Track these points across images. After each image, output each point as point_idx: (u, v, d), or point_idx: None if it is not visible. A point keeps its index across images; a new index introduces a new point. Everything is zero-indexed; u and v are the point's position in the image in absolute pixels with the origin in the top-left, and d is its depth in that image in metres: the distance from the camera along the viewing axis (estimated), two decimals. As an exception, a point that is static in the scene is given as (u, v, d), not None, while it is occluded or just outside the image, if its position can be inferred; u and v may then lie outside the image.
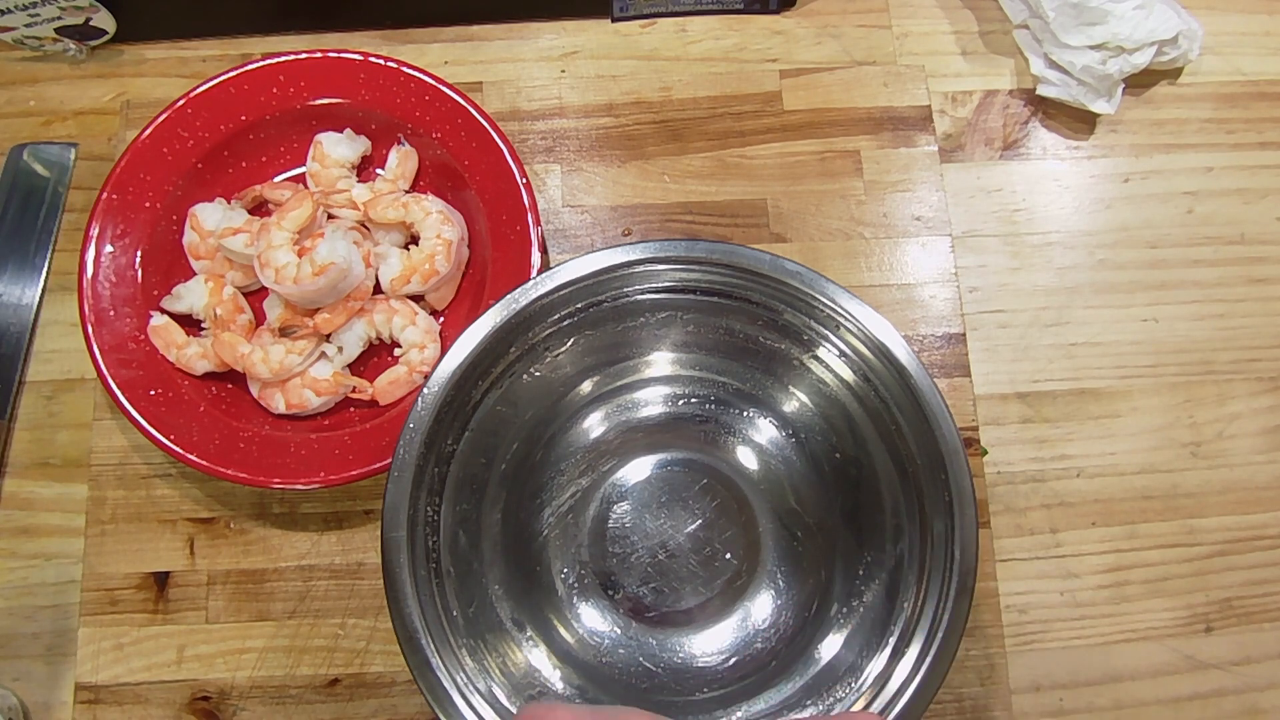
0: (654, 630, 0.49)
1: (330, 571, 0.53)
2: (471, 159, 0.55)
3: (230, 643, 0.52)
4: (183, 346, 0.53)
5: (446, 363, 0.44)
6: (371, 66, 0.56)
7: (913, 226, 0.58)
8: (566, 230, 0.59)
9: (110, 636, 0.52)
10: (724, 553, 0.50)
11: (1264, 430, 0.56)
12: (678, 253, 0.46)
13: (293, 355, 0.52)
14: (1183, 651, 0.52)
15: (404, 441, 0.43)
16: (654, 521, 0.50)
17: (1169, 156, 0.60)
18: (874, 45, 0.62)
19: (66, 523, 0.54)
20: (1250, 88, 0.62)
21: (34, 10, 0.57)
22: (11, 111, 0.61)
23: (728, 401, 0.52)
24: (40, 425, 0.55)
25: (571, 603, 0.49)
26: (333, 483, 0.50)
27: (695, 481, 0.51)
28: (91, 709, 0.51)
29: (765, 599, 0.49)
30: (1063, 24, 0.57)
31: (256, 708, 0.51)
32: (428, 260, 0.53)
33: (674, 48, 0.62)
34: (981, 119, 0.61)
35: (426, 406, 0.44)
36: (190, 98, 0.55)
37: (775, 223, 0.58)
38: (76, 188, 0.60)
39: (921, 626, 0.42)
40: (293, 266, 0.51)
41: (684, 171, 0.59)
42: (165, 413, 0.51)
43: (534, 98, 0.61)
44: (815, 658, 0.46)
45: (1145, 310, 0.58)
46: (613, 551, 0.50)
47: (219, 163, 0.56)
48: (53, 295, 0.58)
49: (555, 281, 0.45)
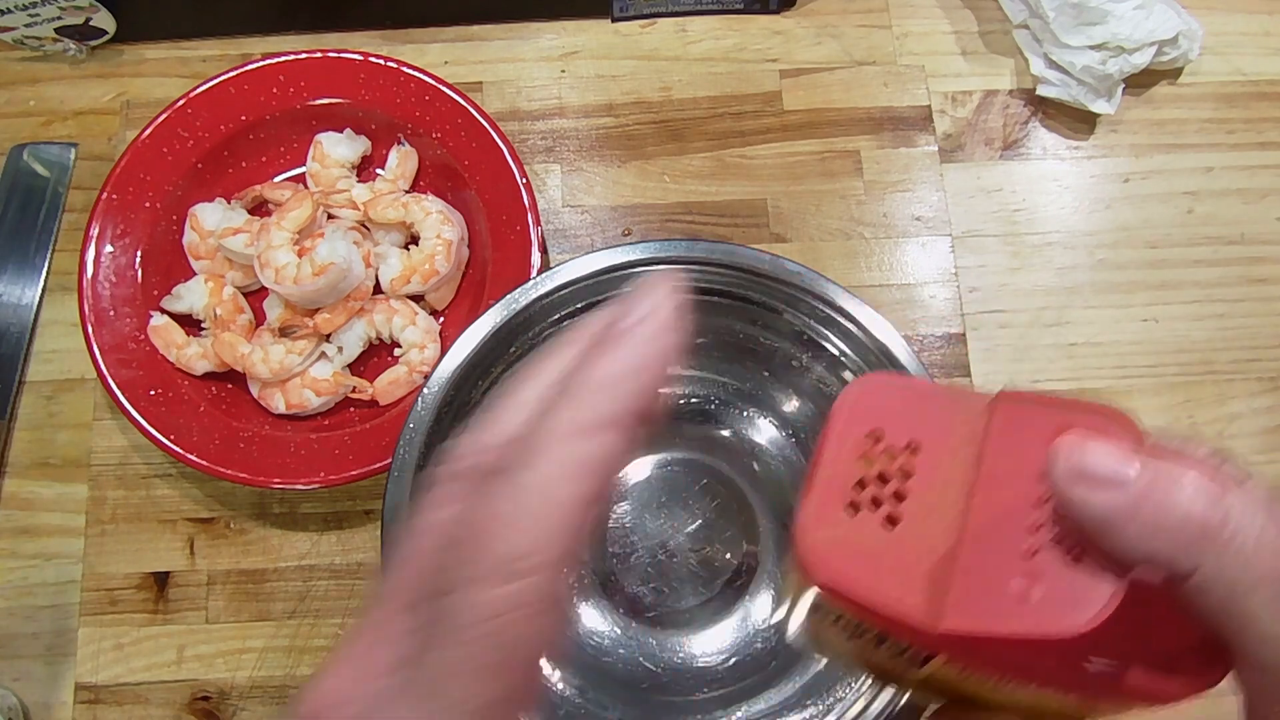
0: (654, 630, 0.49)
1: (330, 571, 0.53)
2: (471, 159, 0.55)
3: (230, 643, 0.52)
4: (183, 346, 0.53)
5: (446, 363, 0.44)
6: (371, 66, 0.56)
7: (913, 226, 0.58)
8: (566, 230, 0.59)
9: (110, 636, 0.52)
10: (724, 553, 0.50)
11: (1264, 430, 0.56)
12: (678, 253, 0.46)
13: (293, 355, 0.52)
14: (1183, 651, 0.52)
15: (404, 441, 0.43)
16: (654, 521, 0.50)
17: (1169, 156, 0.60)
18: (874, 45, 0.62)
19: (66, 523, 0.53)
20: (1250, 88, 0.62)
21: (34, 10, 0.57)
22: (11, 111, 0.61)
23: (728, 401, 0.52)
24: (40, 425, 0.55)
25: (571, 603, 0.49)
26: (333, 483, 0.50)
27: (695, 481, 0.51)
28: (91, 709, 0.51)
29: (765, 599, 0.49)
30: (1063, 24, 0.57)
31: (256, 708, 0.51)
32: (428, 260, 0.53)
33: (674, 48, 0.62)
34: (981, 119, 0.61)
35: (426, 406, 0.44)
36: (190, 98, 0.55)
37: (775, 223, 0.58)
38: (76, 188, 0.60)
39: (921, 626, 0.42)
40: (293, 266, 0.51)
41: (684, 171, 0.59)
42: (165, 413, 0.51)
43: (534, 98, 0.61)
44: (815, 658, 0.46)
45: (1145, 310, 0.58)
46: (612, 551, 0.50)
47: (219, 163, 0.56)
48: (53, 295, 0.58)
49: (555, 281, 0.45)
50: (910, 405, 0.25)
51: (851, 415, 0.25)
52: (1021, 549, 0.21)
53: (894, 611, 0.22)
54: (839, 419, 0.25)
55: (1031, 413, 0.23)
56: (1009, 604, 0.21)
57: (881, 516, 0.24)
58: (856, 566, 0.23)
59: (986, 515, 0.22)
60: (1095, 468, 0.21)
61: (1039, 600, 0.21)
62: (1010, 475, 0.22)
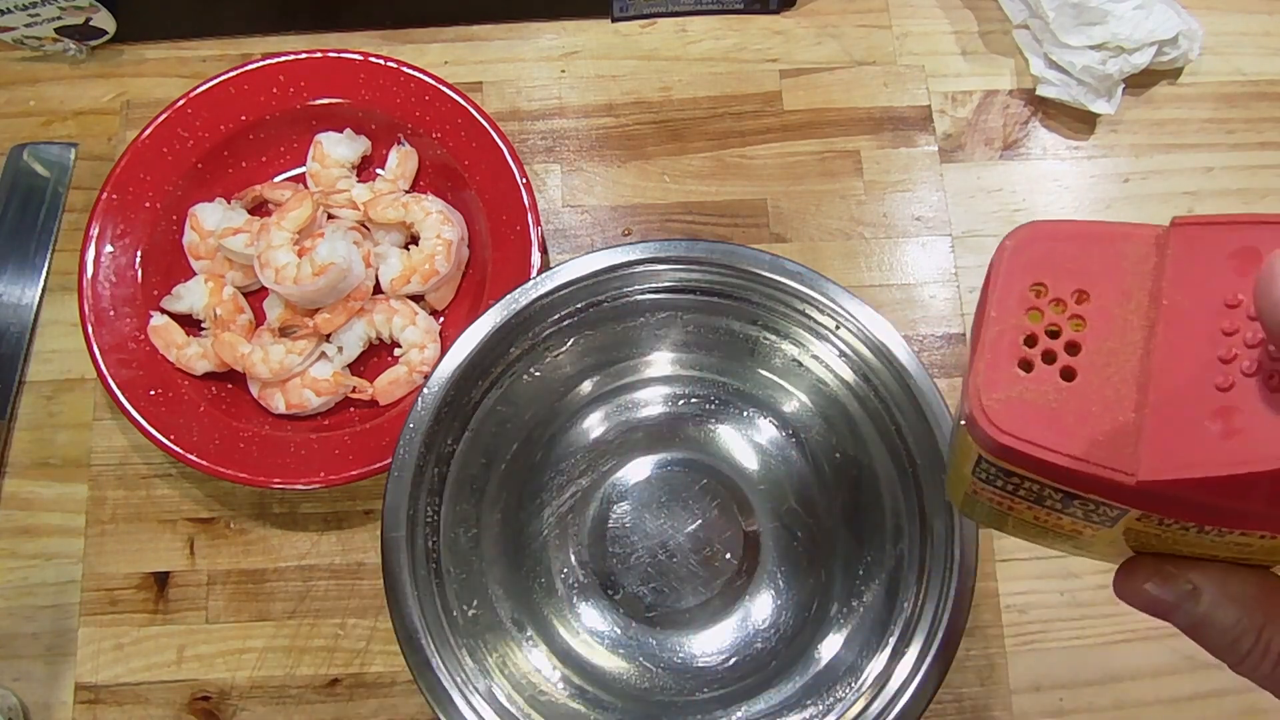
0: (654, 630, 0.49)
1: (330, 571, 0.53)
2: (471, 159, 0.55)
3: (230, 643, 0.52)
4: (183, 346, 0.53)
5: (446, 363, 0.44)
6: (371, 66, 0.56)
7: (913, 226, 0.58)
8: (566, 230, 0.59)
9: (110, 636, 0.52)
10: (724, 553, 0.50)
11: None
12: (678, 253, 0.46)
13: (293, 355, 0.52)
14: (1183, 652, 0.52)
15: (404, 441, 0.43)
16: (654, 521, 0.50)
17: (1169, 156, 0.60)
18: (874, 45, 0.62)
19: (66, 523, 0.54)
20: (1250, 88, 0.62)
21: (34, 10, 0.57)
22: (11, 111, 0.61)
23: (728, 401, 0.52)
24: (40, 425, 0.55)
25: (571, 603, 0.49)
26: (333, 483, 0.50)
27: (695, 481, 0.51)
28: (91, 709, 0.51)
29: (765, 599, 0.49)
30: (1063, 24, 0.57)
31: (256, 708, 0.51)
32: (428, 260, 0.53)
33: (674, 48, 0.62)
34: (981, 119, 0.61)
35: (426, 406, 0.44)
36: (190, 98, 0.55)
37: (775, 223, 0.58)
38: (76, 188, 0.60)
39: (921, 626, 0.42)
40: (293, 266, 0.51)
41: (684, 171, 0.59)
42: (165, 413, 0.51)
43: (534, 98, 0.61)
44: (815, 658, 0.46)
45: (1145, 310, 0.58)
46: (613, 551, 0.50)
47: (219, 163, 0.56)
48: (53, 295, 0.58)
49: (555, 281, 0.45)
50: (1073, 251, 0.23)
51: (1011, 270, 0.24)
52: (1215, 384, 0.20)
53: (1085, 468, 0.21)
54: (999, 275, 0.24)
55: (1210, 236, 0.21)
56: (1209, 444, 0.20)
57: (1057, 371, 0.22)
58: (1039, 426, 0.22)
59: (1172, 354, 0.21)
60: None
61: (1242, 436, 0.19)
62: (1194, 307, 0.21)
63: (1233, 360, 0.20)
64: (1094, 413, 0.22)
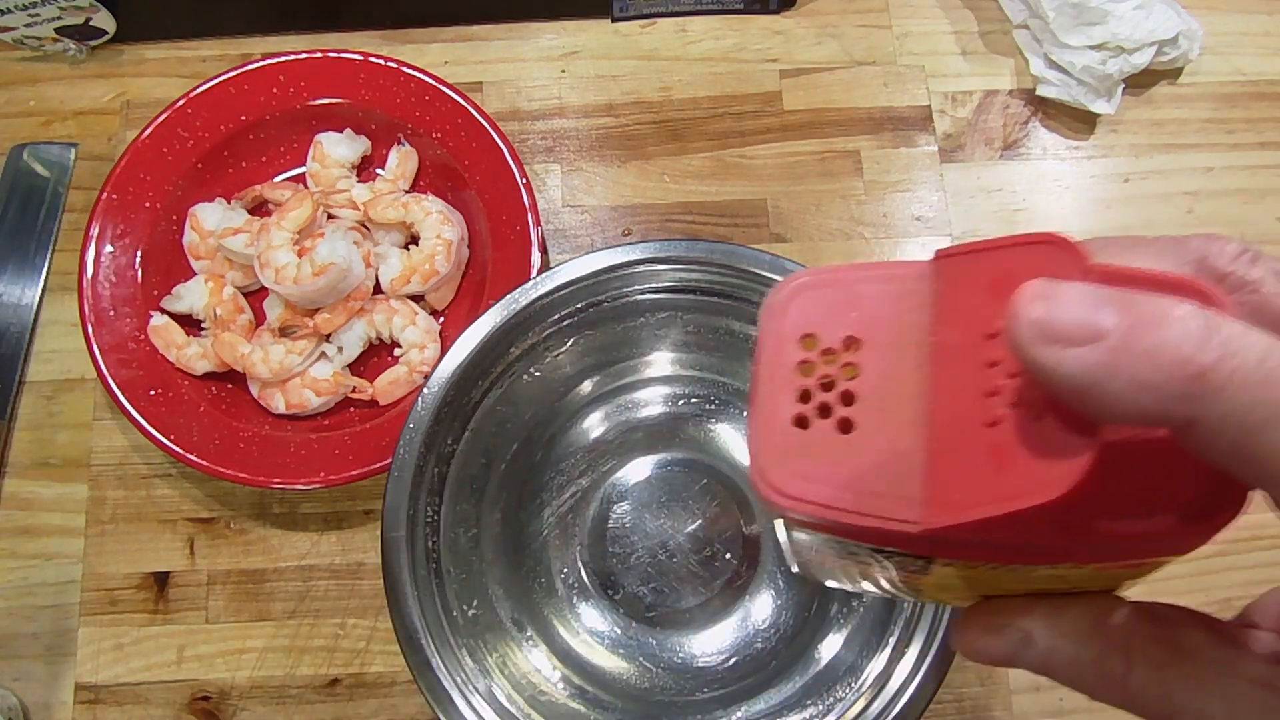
0: (654, 630, 0.49)
1: (330, 571, 0.53)
2: (471, 159, 0.55)
3: (230, 643, 0.52)
4: (183, 346, 0.53)
5: (446, 363, 0.44)
6: (371, 66, 0.56)
7: (913, 226, 0.58)
8: (566, 230, 0.59)
9: (110, 636, 0.52)
10: (724, 553, 0.50)
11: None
12: (678, 253, 0.46)
13: (293, 355, 0.52)
14: (1183, 651, 0.52)
15: (404, 441, 0.43)
16: (654, 521, 0.50)
17: (1169, 156, 0.60)
18: (874, 45, 0.62)
19: (66, 523, 0.54)
20: (1250, 88, 0.62)
21: (34, 10, 0.57)
22: (11, 111, 0.61)
23: (728, 401, 0.52)
24: (40, 425, 0.55)
25: (571, 603, 0.49)
26: (333, 483, 0.50)
27: (695, 481, 0.51)
28: (91, 709, 0.51)
29: (765, 599, 0.49)
30: (1063, 24, 0.57)
31: (256, 708, 0.51)
32: (428, 260, 0.53)
33: (674, 48, 0.62)
34: (981, 119, 0.61)
35: (426, 406, 0.44)
36: (190, 98, 0.55)
37: (775, 223, 0.58)
38: (76, 188, 0.60)
39: (921, 626, 0.42)
40: (293, 266, 0.51)
41: (684, 171, 0.59)
42: (165, 413, 0.51)
43: (534, 98, 0.61)
44: (815, 658, 0.46)
45: (1145, 310, 0.58)
46: (613, 551, 0.50)
47: (219, 163, 0.56)
48: (53, 295, 0.58)
49: (555, 281, 0.45)
50: (841, 297, 0.22)
51: (779, 325, 0.23)
52: (984, 420, 0.19)
53: (870, 522, 0.20)
54: (767, 333, 0.23)
55: (970, 265, 0.20)
56: (984, 483, 0.19)
57: (834, 424, 0.21)
58: (820, 483, 0.21)
59: (943, 393, 0.20)
60: (1062, 321, 0.17)
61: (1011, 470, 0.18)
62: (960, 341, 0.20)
63: (997, 394, 0.19)
64: (875, 463, 0.21)
